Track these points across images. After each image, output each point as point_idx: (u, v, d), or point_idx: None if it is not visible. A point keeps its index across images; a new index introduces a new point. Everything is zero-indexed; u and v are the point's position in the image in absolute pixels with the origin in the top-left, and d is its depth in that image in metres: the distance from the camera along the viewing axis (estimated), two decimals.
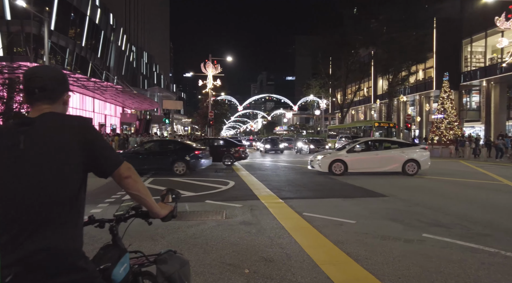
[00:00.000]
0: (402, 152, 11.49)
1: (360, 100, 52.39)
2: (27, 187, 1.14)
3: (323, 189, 8.65)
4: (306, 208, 6.25)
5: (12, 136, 1.17)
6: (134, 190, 1.39)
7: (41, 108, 1.26)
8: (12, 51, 29.01)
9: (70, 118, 1.27)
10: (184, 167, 11.49)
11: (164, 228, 4.91)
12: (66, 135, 1.20)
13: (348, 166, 11.31)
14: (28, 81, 1.28)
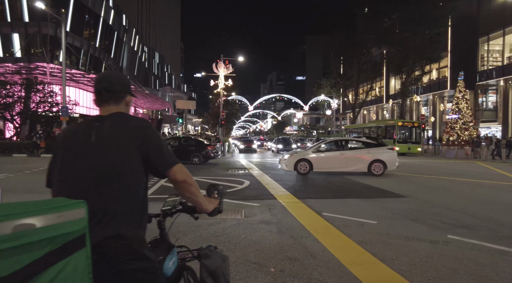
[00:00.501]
0: (368, 152, 11.29)
1: (372, 100, 51.84)
2: (94, 176, 1.26)
3: (340, 189, 8.58)
4: (325, 208, 6.20)
5: (87, 130, 1.34)
6: (188, 193, 1.47)
7: (108, 108, 1.42)
8: (30, 52, 29.71)
9: (132, 118, 1.40)
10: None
11: (185, 226, 4.94)
12: (127, 134, 1.33)
13: (313, 165, 11.26)
14: (97, 84, 1.46)
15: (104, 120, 1.36)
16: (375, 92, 50.80)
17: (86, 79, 29.26)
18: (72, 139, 1.33)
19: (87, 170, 1.26)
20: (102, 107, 1.43)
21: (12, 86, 21.27)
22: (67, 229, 0.91)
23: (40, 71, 25.10)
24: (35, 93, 21.98)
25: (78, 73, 27.56)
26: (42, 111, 22.44)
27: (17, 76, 23.09)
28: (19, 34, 29.68)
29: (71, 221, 0.93)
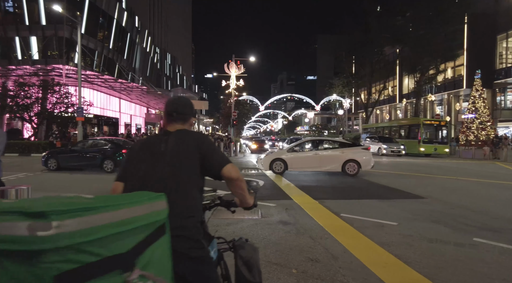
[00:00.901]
0: (342, 152, 11.33)
1: (385, 100, 51.10)
2: (166, 178, 1.52)
3: (356, 190, 8.45)
4: (342, 209, 6.11)
5: (158, 142, 1.64)
6: (240, 190, 1.67)
7: (175, 126, 1.71)
8: (47, 54, 30.41)
9: (192, 132, 1.72)
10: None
11: (210, 225, 4.94)
12: (189, 144, 1.61)
13: (288, 165, 11.36)
14: (169, 106, 1.75)
15: (170, 134, 1.66)
16: (388, 92, 50.03)
17: (100, 80, 29.74)
18: (146, 149, 1.64)
19: (159, 173, 1.53)
20: (171, 125, 1.72)
21: (30, 88, 21.79)
22: (155, 218, 1.09)
23: (57, 73, 25.66)
24: (51, 95, 22.46)
25: (92, 75, 28.04)
26: (58, 112, 22.91)
27: (35, 78, 23.65)
28: (36, 37, 30.42)
29: (157, 211, 1.11)
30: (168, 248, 1.16)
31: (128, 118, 43.81)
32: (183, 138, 1.63)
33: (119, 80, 31.21)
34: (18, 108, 21.40)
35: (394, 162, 17.68)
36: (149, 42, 53.80)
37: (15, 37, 30.46)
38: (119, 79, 31.71)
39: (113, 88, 33.46)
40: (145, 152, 1.62)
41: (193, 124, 1.83)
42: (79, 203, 0.87)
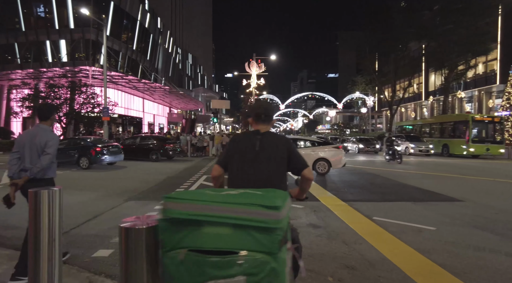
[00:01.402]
0: (313, 151, 11.22)
1: (409, 98, 49.34)
2: (261, 170, 1.95)
3: (386, 191, 8.08)
4: (374, 212, 5.82)
5: (252, 140, 2.03)
6: (308, 187, 2.19)
7: (263, 127, 2.10)
8: (74, 56, 31.52)
9: (280, 135, 2.17)
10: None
11: None
12: (280, 144, 2.05)
13: None
14: (258, 109, 2.15)
15: (262, 134, 2.07)
16: (413, 89, 48.26)
17: (124, 81, 30.49)
18: (244, 143, 2.04)
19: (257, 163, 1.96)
20: (258, 125, 2.13)
21: (59, 89, 22.62)
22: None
23: (83, 74, 26.52)
24: (79, 95, 23.22)
25: (117, 75, 28.78)
26: (85, 112, 23.65)
27: (64, 79, 24.54)
28: (65, 40, 31.60)
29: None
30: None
31: (151, 118, 44.73)
32: (274, 138, 2.07)
33: (143, 81, 31.88)
34: None
35: (422, 162, 16.95)
36: (171, 43, 54.66)
37: (46, 41, 31.78)
38: (143, 80, 32.39)
39: (136, 88, 34.22)
40: (243, 146, 2.03)
41: (273, 125, 2.29)
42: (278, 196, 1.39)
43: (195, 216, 1.23)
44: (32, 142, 3.10)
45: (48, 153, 3.08)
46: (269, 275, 1.18)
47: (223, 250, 1.20)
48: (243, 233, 1.21)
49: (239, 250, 1.20)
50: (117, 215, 5.63)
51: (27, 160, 3.10)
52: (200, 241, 1.22)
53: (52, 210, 2.44)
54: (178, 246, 1.24)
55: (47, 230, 2.42)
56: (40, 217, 2.38)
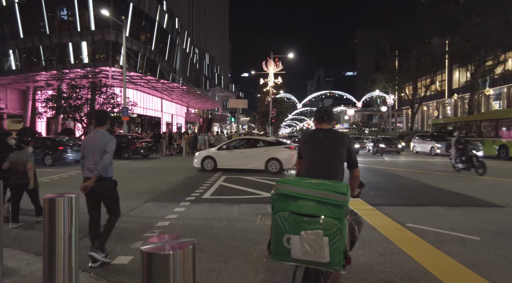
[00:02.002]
0: (266, 151, 11.62)
1: (432, 96, 47.60)
2: (324, 159, 2.43)
3: (415, 194, 7.60)
4: (406, 218, 5.42)
5: (317, 136, 2.51)
6: (356, 184, 2.59)
7: (325, 126, 2.57)
8: (95, 57, 32.18)
9: (342, 133, 2.61)
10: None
11: (255, 233, 4.57)
12: (341, 140, 2.48)
13: (217, 162, 11.78)
14: (321, 112, 2.60)
15: (325, 131, 2.52)
16: (435, 87, 46.53)
17: (143, 81, 30.86)
18: (311, 139, 2.54)
19: (323, 156, 2.43)
20: (322, 124, 2.58)
21: (81, 90, 23.08)
22: None
23: (104, 74, 27.00)
24: (99, 95, 23.63)
25: (136, 76, 29.15)
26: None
27: (85, 80, 25.05)
28: (86, 42, 32.33)
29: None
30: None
31: (169, 118, 45.21)
32: (335, 135, 2.52)
33: (161, 81, 32.18)
34: (71, 109, 22.76)
35: (449, 162, 16.09)
36: (189, 43, 55.07)
37: (69, 43, 32.62)
38: (161, 80, 32.69)
39: (155, 88, 34.61)
40: (311, 142, 2.54)
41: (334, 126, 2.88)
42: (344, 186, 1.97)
43: (295, 194, 1.95)
44: (94, 145, 3.55)
45: (108, 152, 3.52)
46: (336, 232, 1.82)
47: (311, 214, 1.87)
48: (323, 206, 1.88)
49: (320, 215, 1.86)
50: (136, 218, 5.49)
51: (91, 162, 3.53)
52: (297, 208, 1.92)
53: (69, 218, 2.25)
54: (284, 209, 1.96)
55: (63, 239, 2.23)
56: (55, 225, 2.20)
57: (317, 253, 1.82)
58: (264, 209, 6.04)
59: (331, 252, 1.81)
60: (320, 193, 1.88)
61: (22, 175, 5.09)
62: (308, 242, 1.83)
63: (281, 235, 1.92)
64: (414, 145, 23.26)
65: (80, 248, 4.01)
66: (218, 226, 4.98)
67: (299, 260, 1.90)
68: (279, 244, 1.93)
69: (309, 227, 1.83)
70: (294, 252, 1.87)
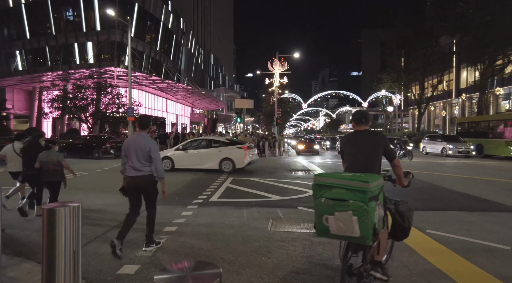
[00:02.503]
0: (220, 151, 11.89)
1: (438, 96, 46.96)
2: (364, 156, 2.87)
3: (429, 198, 7.30)
4: (425, 223, 5.13)
5: (356, 136, 2.97)
6: (399, 172, 3.01)
7: (362, 127, 3.02)
8: (100, 58, 32.16)
9: (378, 132, 3.60)
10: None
11: (267, 240, 4.32)
12: (378, 139, 2.92)
13: (174, 163, 11.98)
14: (358, 115, 3.07)
15: (362, 132, 2.99)
16: (442, 87, 45.89)
17: (149, 81, 30.78)
18: (350, 140, 3.04)
19: (362, 155, 2.89)
20: (358, 126, 3.03)
21: (86, 90, 23.02)
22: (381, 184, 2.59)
23: (109, 75, 26.95)
24: (104, 96, 23.55)
25: (141, 76, 29.07)
26: (110, 112, 23.94)
27: (90, 80, 25.01)
28: (92, 42, 32.33)
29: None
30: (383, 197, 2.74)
31: (174, 118, 45.14)
32: (372, 135, 2.96)
33: (166, 81, 32.08)
34: (76, 109, 22.70)
35: (462, 164, 15.74)
36: (194, 44, 54.99)
37: (74, 44, 32.65)
38: (166, 80, 32.59)
39: (160, 88, 34.52)
40: (350, 143, 3.01)
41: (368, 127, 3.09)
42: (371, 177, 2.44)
43: (329, 184, 2.43)
44: (137, 146, 3.88)
45: (155, 157, 3.90)
46: (363, 212, 2.26)
47: (342, 199, 2.35)
48: (351, 192, 2.33)
49: (349, 200, 2.32)
50: (142, 222, 5.27)
51: (134, 161, 3.88)
52: (331, 194, 2.40)
53: (72, 230, 2.02)
54: (322, 196, 2.44)
55: (63, 254, 2.00)
56: (55, 238, 1.97)
57: (349, 229, 2.31)
58: (275, 214, 5.79)
59: (360, 228, 2.28)
60: (348, 182, 2.37)
61: (52, 173, 5.44)
62: (341, 221, 2.33)
63: (320, 216, 2.43)
64: (424, 146, 22.76)
65: (84, 255, 3.80)
66: (228, 232, 4.74)
67: (337, 235, 2.41)
68: (320, 223, 2.45)
69: (341, 209, 2.32)
70: (332, 229, 2.39)
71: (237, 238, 4.45)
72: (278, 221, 5.30)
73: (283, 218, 5.52)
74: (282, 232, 4.73)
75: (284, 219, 5.46)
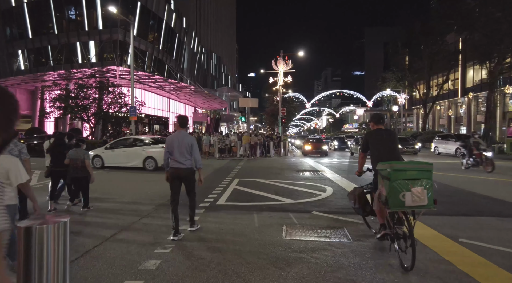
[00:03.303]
0: (143, 150, 12.32)
1: (444, 95, 46.29)
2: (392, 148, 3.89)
3: (455, 202, 6.82)
4: (455, 230, 4.68)
5: (381, 133, 4.01)
6: None
7: (380, 126, 4.13)
8: (103, 57, 31.84)
9: (392, 130, 4.82)
10: None
11: (283, 250, 3.88)
12: (395, 134, 4.33)
13: (104, 161, 12.43)
14: (378, 117, 4.23)
15: (384, 130, 4.07)
16: (448, 86, 45.26)
17: (151, 81, 30.42)
18: (376, 136, 3.99)
19: (389, 148, 3.86)
20: (378, 125, 4.11)
21: (88, 89, 22.67)
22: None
23: (111, 74, 26.60)
24: (106, 95, 23.19)
25: (144, 75, 28.72)
26: (113, 111, 23.58)
27: (92, 79, 24.65)
28: (94, 41, 32.03)
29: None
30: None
31: None
32: (392, 132, 4.41)
33: (169, 80, 31.71)
34: (78, 109, 22.36)
35: None
36: (196, 43, 54.62)
37: (76, 43, 32.37)
38: (169, 79, 32.22)
39: (163, 88, 34.16)
40: (377, 138, 3.96)
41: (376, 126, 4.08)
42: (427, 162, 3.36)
43: (403, 168, 3.19)
44: (180, 142, 4.51)
45: (195, 150, 4.59)
46: (430, 187, 3.13)
47: (415, 178, 3.14)
48: (421, 172, 3.17)
49: (420, 178, 3.13)
50: (146, 228, 4.85)
51: (177, 155, 4.49)
52: (405, 176, 3.14)
53: (55, 251, 1.60)
54: (398, 178, 3.13)
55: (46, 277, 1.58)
56: (32, 263, 1.55)
57: (422, 200, 3.10)
58: (288, 219, 5.35)
59: (428, 198, 3.12)
60: (417, 166, 3.24)
61: (80, 170, 5.81)
62: (416, 195, 3.07)
63: (397, 194, 3.11)
64: (436, 146, 21.85)
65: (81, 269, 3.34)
66: (240, 240, 4.31)
67: (410, 206, 3.15)
68: (396, 199, 3.13)
69: (416, 185, 3.09)
70: (407, 202, 3.09)
71: (250, 248, 4.02)
72: (292, 228, 4.86)
73: (298, 224, 5.09)
74: (299, 240, 4.29)
75: (299, 225, 5.02)
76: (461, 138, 19.40)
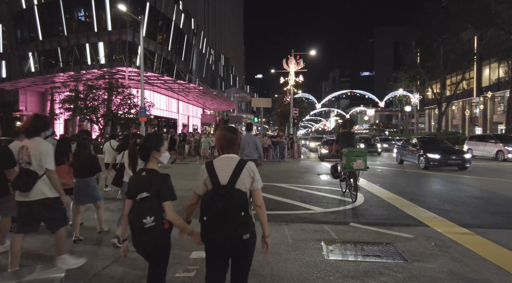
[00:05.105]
0: None
1: (458, 95, 44.99)
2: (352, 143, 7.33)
3: (506, 211, 6.07)
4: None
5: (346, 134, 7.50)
6: None
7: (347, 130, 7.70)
8: (112, 58, 31.61)
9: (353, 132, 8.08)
10: None
11: (332, 275, 3.23)
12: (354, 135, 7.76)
13: None
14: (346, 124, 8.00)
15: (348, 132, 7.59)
16: (462, 85, 44.00)
17: (160, 82, 30.03)
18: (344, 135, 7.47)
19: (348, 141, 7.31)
20: (344, 129, 7.73)
21: (97, 90, 22.35)
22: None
23: (120, 75, 26.28)
24: (115, 96, 22.85)
25: (153, 76, 28.35)
26: (122, 113, 23.22)
27: (101, 80, 24.36)
28: (103, 42, 31.83)
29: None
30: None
31: (186, 119, 44.44)
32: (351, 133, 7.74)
33: (178, 81, 31.30)
34: (87, 110, 22.05)
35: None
36: (205, 44, 54.30)
37: (86, 44, 32.22)
38: (178, 80, 31.82)
39: (172, 89, 33.77)
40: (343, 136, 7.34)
41: None
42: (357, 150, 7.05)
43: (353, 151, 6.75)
44: (249, 141, 6.43)
45: (260, 147, 6.62)
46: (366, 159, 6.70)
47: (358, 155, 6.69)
48: (361, 152, 6.80)
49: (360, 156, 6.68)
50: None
51: (247, 150, 6.31)
52: (354, 154, 6.66)
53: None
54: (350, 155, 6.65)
55: None
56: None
57: (361, 166, 6.52)
58: (325, 232, 4.68)
59: (365, 165, 6.54)
60: (360, 150, 6.88)
61: None
62: (359, 163, 6.51)
63: (350, 162, 6.52)
64: (470, 148, 19.44)
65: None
66: (274, 260, 3.67)
67: (357, 169, 6.56)
68: (349, 165, 6.56)
69: (359, 159, 6.51)
70: (354, 166, 6.51)
71: (289, 271, 3.38)
72: (332, 244, 4.20)
73: (337, 239, 4.42)
74: (346, 261, 3.63)
75: (339, 241, 4.35)
76: (503, 139, 17.48)
